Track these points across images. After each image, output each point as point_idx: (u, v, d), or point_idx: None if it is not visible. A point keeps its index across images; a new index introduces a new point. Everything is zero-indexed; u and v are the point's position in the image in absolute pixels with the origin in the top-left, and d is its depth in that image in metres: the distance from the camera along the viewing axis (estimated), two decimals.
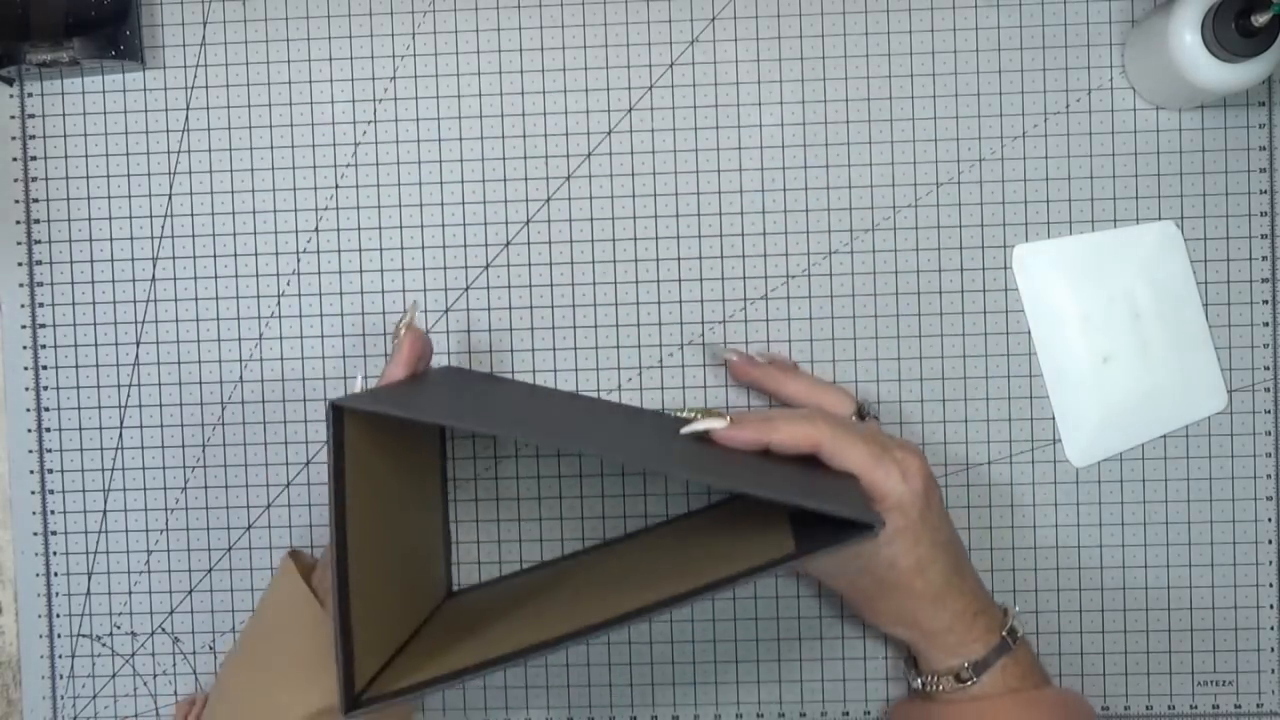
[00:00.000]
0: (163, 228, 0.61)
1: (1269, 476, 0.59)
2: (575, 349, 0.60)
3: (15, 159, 0.61)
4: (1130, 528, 0.59)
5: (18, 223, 0.61)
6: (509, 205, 0.60)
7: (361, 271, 0.61)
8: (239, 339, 0.61)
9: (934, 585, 0.51)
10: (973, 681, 0.52)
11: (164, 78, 0.61)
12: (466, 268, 0.60)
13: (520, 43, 0.60)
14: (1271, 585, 0.59)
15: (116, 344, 0.61)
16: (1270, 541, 0.59)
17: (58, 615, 0.62)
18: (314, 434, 0.61)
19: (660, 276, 0.60)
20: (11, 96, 0.61)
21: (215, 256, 0.61)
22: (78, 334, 0.61)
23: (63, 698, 0.62)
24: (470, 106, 0.60)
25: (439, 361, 0.60)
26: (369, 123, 0.60)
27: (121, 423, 0.62)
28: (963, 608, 0.52)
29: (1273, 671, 0.60)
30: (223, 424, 0.61)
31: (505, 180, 0.60)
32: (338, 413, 0.46)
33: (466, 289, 0.60)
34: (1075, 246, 0.59)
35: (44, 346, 0.62)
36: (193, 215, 0.61)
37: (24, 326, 0.62)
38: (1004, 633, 0.53)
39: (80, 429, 0.62)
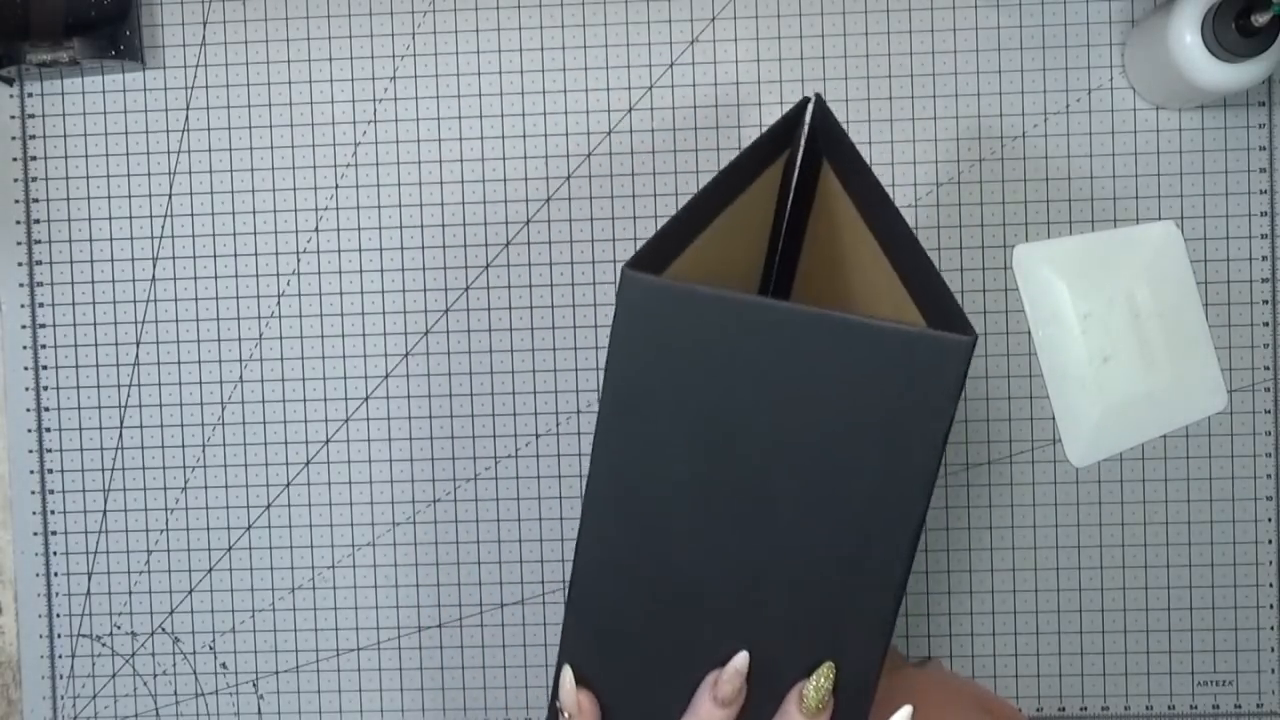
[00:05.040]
0: (163, 228, 0.61)
1: (1269, 476, 0.59)
2: (575, 349, 0.60)
3: (15, 159, 0.61)
4: (1130, 528, 0.59)
5: (18, 223, 0.61)
6: (509, 205, 0.60)
7: (361, 271, 0.61)
8: (239, 339, 0.61)
9: None
10: None
11: (164, 78, 0.61)
12: (466, 268, 0.60)
13: (520, 43, 0.60)
14: (1271, 585, 0.59)
15: (116, 344, 0.61)
16: (1270, 541, 0.59)
17: (58, 615, 0.62)
18: (314, 434, 0.61)
19: None
20: (11, 96, 0.61)
21: (215, 256, 0.61)
22: (78, 334, 0.61)
23: (63, 698, 0.62)
24: (470, 106, 0.60)
25: (438, 364, 0.60)
26: (369, 123, 0.60)
27: (121, 423, 0.62)
28: None
29: (1273, 671, 0.60)
30: (223, 424, 0.61)
31: (505, 180, 0.60)
32: None
33: (466, 289, 0.60)
34: (1075, 246, 0.59)
35: (44, 346, 0.62)
36: (193, 215, 0.61)
37: (24, 326, 0.62)
38: None
39: (80, 429, 0.62)
